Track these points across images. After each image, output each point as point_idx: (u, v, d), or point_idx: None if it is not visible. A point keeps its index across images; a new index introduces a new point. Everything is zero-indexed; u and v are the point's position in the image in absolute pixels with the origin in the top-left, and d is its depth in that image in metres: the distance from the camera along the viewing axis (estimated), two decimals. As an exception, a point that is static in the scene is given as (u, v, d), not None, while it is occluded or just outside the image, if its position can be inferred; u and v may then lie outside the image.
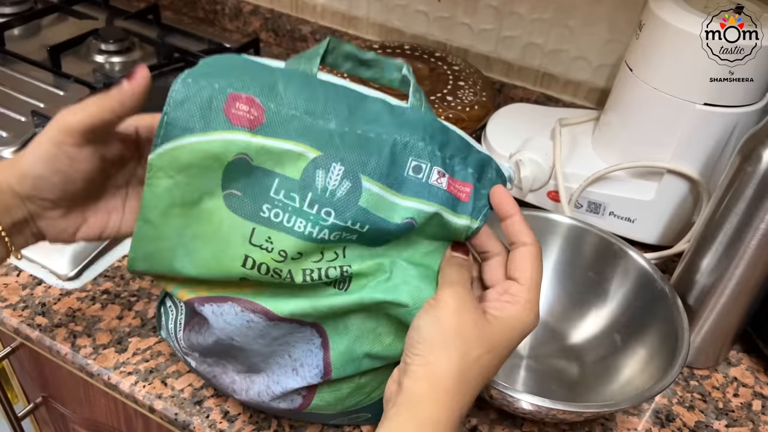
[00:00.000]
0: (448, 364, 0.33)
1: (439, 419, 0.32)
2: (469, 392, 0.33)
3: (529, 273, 0.36)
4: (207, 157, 0.34)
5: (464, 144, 0.38)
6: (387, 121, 0.36)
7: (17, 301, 0.54)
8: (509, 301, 0.35)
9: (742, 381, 0.53)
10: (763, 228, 0.45)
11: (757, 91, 0.55)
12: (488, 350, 0.34)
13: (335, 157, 0.34)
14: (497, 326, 0.34)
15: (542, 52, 0.77)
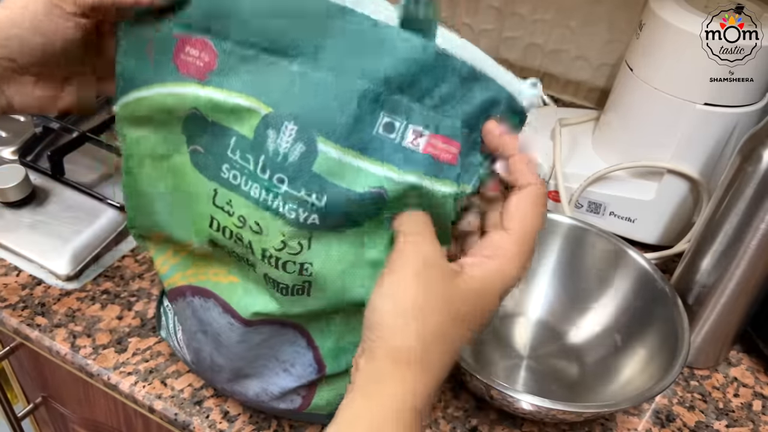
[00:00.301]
0: (409, 338, 0.28)
1: (405, 400, 0.28)
2: (439, 368, 0.29)
3: (519, 220, 0.30)
4: (162, 111, 0.32)
5: (467, 79, 0.31)
6: (363, 54, 0.29)
7: (17, 301, 0.54)
8: (489, 255, 0.30)
9: (742, 381, 0.53)
10: (763, 228, 0.45)
11: (757, 91, 0.55)
12: (460, 318, 0.29)
13: (288, 115, 0.30)
14: (471, 288, 0.29)
15: (543, 53, 0.77)
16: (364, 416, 0.28)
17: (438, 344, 0.29)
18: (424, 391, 0.28)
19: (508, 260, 0.30)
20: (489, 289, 0.30)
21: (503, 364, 0.52)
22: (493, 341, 0.53)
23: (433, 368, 0.29)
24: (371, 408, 0.28)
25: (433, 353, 0.29)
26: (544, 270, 0.56)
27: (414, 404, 0.28)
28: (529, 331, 0.55)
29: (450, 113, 0.30)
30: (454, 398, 0.49)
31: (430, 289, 0.29)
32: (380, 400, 0.28)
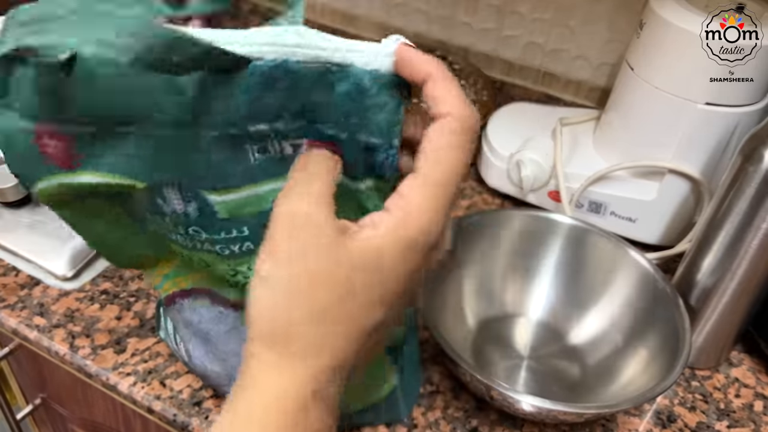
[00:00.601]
0: (285, 322, 0.25)
1: (287, 390, 0.25)
2: (327, 353, 0.25)
3: (430, 160, 0.25)
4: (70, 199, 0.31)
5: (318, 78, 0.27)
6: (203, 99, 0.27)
7: (15, 302, 0.53)
8: (390, 208, 0.25)
9: (743, 382, 0.53)
10: (764, 228, 0.45)
11: (758, 90, 0.54)
12: (354, 291, 0.25)
13: (162, 183, 0.29)
14: (364, 252, 0.25)
15: (543, 52, 0.77)
16: (241, 409, 0.25)
17: (323, 324, 0.25)
18: (310, 378, 0.25)
19: (411, 212, 0.25)
20: (389, 251, 0.25)
21: (503, 365, 0.52)
22: (493, 342, 0.53)
23: (321, 353, 0.25)
24: (248, 399, 0.25)
25: (324, 337, 0.25)
26: (544, 270, 0.55)
27: (297, 392, 0.25)
28: (530, 331, 0.54)
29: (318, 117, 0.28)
30: (455, 399, 0.49)
31: (308, 261, 0.24)
32: (255, 391, 0.25)
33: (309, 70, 0.26)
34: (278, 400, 0.25)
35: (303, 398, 0.25)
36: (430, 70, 0.26)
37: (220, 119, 0.27)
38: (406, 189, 0.25)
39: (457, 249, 0.53)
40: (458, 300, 0.53)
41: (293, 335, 0.25)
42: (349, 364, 0.26)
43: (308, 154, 0.27)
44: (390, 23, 0.85)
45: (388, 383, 0.43)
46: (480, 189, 0.70)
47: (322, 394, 0.25)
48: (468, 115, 0.26)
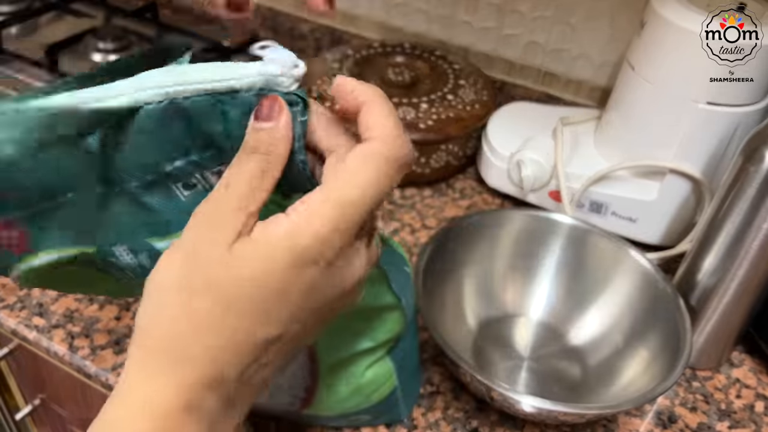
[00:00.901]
0: (155, 319, 0.24)
1: (154, 399, 0.23)
2: (205, 365, 0.23)
3: (342, 175, 0.24)
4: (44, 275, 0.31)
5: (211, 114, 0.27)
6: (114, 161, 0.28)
7: (14, 302, 0.53)
8: (290, 211, 0.24)
9: (744, 382, 0.53)
10: (765, 228, 0.45)
11: (759, 90, 0.54)
12: (224, 299, 0.23)
13: (109, 243, 0.30)
14: (246, 258, 0.23)
15: (543, 51, 0.77)
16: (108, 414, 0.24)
17: (203, 336, 0.23)
18: (184, 388, 0.23)
19: (305, 220, 0.23)
20: (279, 259, 0.23)
21: (504, 365, 0.51)
22: (493, 342, 0.53)
23: (198, 364, 0.23)
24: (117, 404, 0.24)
25: (195, 347, 0.23)
26: (545, 270, 0.55)
27: (167, 402, 0.23)
28: (530, 331, 0.54)
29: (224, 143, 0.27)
30: (455, 399, 0.49)
31: (199, 259, 0.23)
32: (125, 397, 0.24)
33: (197, 103, 0.26)
34: (145, 407, 0.23)
35: (174, 408, 0.23)
36: (367, 98, 0.25)
37: (134, 168, 0.28)
38: (309, 197, 0.24)
39: (457, 249, 0.53)
40: (458, 300, 0.53)
41: (171, 344, 0.24)
42: (235, 379, 0.24)
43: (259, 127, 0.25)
44: (390, 23, 0.85)
45: (387, 383, 0.43)
46: (480, 189, 0.70)
47: (199, 407, 0.24)
48: (398, 145, 0.24)
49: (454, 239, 0.52)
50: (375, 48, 0.77)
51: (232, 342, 0.24)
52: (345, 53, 0.76)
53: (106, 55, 0.83)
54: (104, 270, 0.33)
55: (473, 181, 0.71)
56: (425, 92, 0.68)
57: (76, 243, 0.30)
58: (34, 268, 0.31)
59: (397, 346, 0.42)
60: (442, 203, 0.68)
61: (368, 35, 0.88)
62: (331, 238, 0.24)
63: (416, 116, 0.65)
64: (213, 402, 0.24)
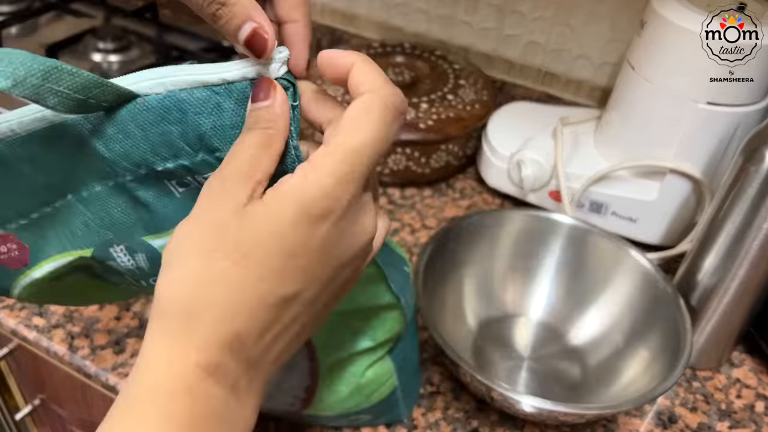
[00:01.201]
0: (171, 289, 0.24)
1: (172, 365, 0.23)
2: (218, 326, 0.23)
3: (343, 131, 0.24)
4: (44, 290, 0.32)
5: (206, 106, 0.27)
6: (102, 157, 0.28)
7: (14, 302, 0.53)
8: (297, 171, 0.24)
9: (744, 382, 0.53)
10: (766, 228, 0.45)
11: (759, 90, 0.54)
12: (243, 258, 0.23)
13: (105, 242, 0.30)
14: (262, 216, 0.24)
15: (544, 51, 0.77)
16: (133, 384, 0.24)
17: (216, 291, 0.23)
18: (200, 348, 0.23)
19: (307, 176, 0.24)
20: (289, 215, 0.23)
21: (504, 366, 0.51)
22: (493, 342, 0.53)
23: (215, 324, 0.23)
24: (135, 375, 0.24)
25: (213, 305, 0.23)
26: (545, 270, 0.55)
27: (184, 362, 0.23)
28: (530, 331, 0.54)
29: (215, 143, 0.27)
30: (455, 400, 0.49)
31: (212, 220, 0.24)
32: (141, 367, 0.24)
33: (193, 95, 0.27)
34: (167, 372, 0.23)
35: (195, 371, 0.23)
36: (352, 60, 0.26)
37: (127, 160, 0.28)
38: (315, 155, 0.24)
39: (457, 249, 0.53)
40: (458, 300, 0.53)
41: (189, 307, 0.24)
42: (254, 341, 0.24)
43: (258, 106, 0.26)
44: (390, 23, 0.85)
45: (387, 383, 0.43)
46: (480, 189, 0.70)
47: (219, 368, 0.24)
48: (390, 92, 0.25)
49: (454, 239, 0.52)
50: (375, 48, 0.77)
51: (248, 301, 0.24)
52: (345, 53, 0.76)
53: (106, 55, 0.83)
54: (102, 277, 0.33)
55: (473, 181, 0.71)
56: (425, 92, 0.68)
57: (74, 246, 0.30)
58: (35, 281, 0.31)
59: (397, 346, 0.42)
60: (442, 203, 0.68)
61: (368, 35, 0.88)
62: (337, 190, 0.24)
63: (416, 116, 0.65)
64: (233, 364, 0.24)
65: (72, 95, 0.25)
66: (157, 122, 0.27)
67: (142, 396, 0.23)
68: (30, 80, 0.24)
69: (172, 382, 0.23)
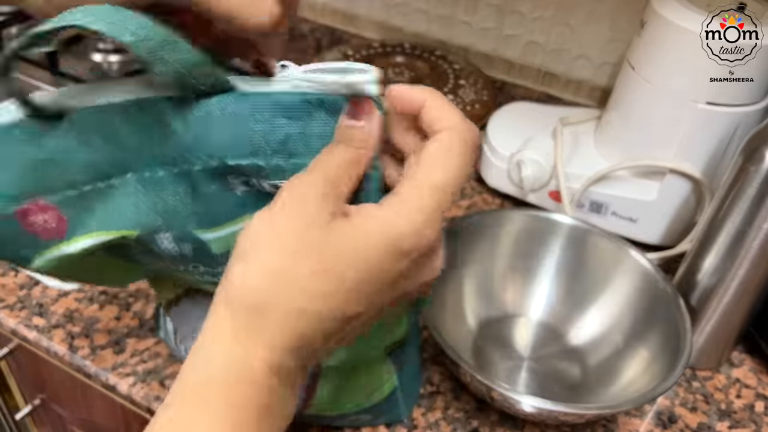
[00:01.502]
0: (247, 283, 0.24)
1: (240, 360, 0.24)
2: (286, 327, 0.24)
3: (425, 168, 0.25)
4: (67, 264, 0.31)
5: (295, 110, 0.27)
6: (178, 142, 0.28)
7: (14, 302, 0.53)
8: (386, 203, 0.25)
9: (744, 382, 0.53)
10: (766, 228, 0.45)
11: (759, 90, 0.54)
12: (323, 270, 0.24)
13: (153, 228, 0.30)
14: (349, 237, 0.24)
15: (543, 51, 0.77)
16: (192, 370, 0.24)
17: (295, 294, 0.24)
18: (270, 349, 0.24)
19: (398, 211, 0.25)
20: (371, 239, 0.24)
21: (504, 366, 0.51)
22: (493, 342, 0.53)
23: (287, 324, 0.24)
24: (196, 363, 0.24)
25: (288, 305, 0.24)
26: (545, 270, 0.55)
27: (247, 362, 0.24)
28: (530, 331, 0.54)
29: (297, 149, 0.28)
30: (455, 400, 0.49)
31: (298, 226, 0.24)
32: (204, 348, 0.24)
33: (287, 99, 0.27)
34: (234, 365, 0.24)
35: (262, 368, 0.24)
36: (424, 96, 0.27)
37: (203, 149, 0.28)
38: (402, 188, 0.26)
39: (457, 249, 0.53)
40: (458, 300, 0.53)
41: (264, 303, 0.24)
42: (314, 348, 0.25)
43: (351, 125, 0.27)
44: (390, 23, 0.85)
45: (388, 383, 0.43)
46: (480, 189, 0.70)
47: (283, 369, 0.25)
48: (467, 128, 0.26)
49: (454, 239, 0.52)
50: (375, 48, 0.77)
51: (319, 311, 0.24)
52: (345, 53, 0.76)
53: (107, 55, 0.83)
54: (134, 259, 0.32)
55: (473, 181, 0.71)
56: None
57: (120, 226, 0.29)
58: (65, 256, 0.30)
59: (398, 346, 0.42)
60: (442, 203, 0.68)
61: (368, 35, 0.88)
62: (426, 227, 0.25)
63: (416, 116, 0.65)
64: (293, 365, 0.25)
65: (178, 69, 0.25)
66: (245, 117, 0.27)
67: (206, 383, 0.24)
68: (148, 43, 0.24)
69: (237, 374, 0.24)
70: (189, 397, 0.24)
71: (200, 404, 0.23)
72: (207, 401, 0.23)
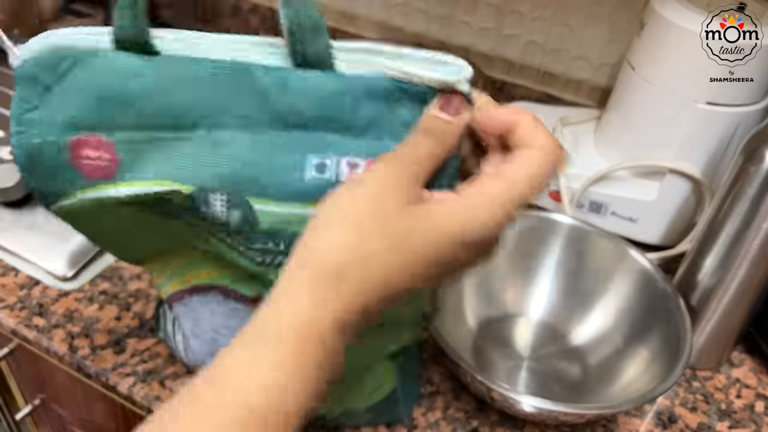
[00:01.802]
0: (330, 249, 0.26)
1: (316, 316, 0.25)
2: (358, 294, 0.26)
3: (513, 173, 0.27)
4: (95, 211, 0.30)
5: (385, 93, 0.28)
6: (266, 104, 0.28)
7: (15, 302, 0.53)
8: (462, 193, 0.27)
9: (744, 382, 0.53)
10: (765, 228, 0.45)
11: (759, 90, 0.54)
12: (396, 248, 0.26)
13: (210, 188, 0.29)
14: (423, 221, 0.26)
15: (543, 51, 0.77)
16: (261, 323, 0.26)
17: (369, 269, 0.26)
18: (335, 312, 0.26)
19: (478, 204, 0.27)
20: (443, 226, 0.26)
21: (504, 366, 0.51)
22: (493, 342, 0.53)
23: (355, 295, 0.26)
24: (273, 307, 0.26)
25: (360, 278, 0.26)
26: (545, 270, 0.55)
27: (317, 321, 0.26)
28: (530, 331, 0.54)
29: (381, 133, 0.29)
30: (455, 399, 0.49)
31: (379, 208, 0.26)
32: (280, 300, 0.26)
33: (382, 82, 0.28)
34: (310, 322, 0.26)
35: (333, 326, 0.26)
36: (517, 118, 0.28)
37: (291, 117, 0.28)
38: (481, 184, 0.27)
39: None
40: (458, 300, 0.53)
41: (342, 270, 0.26)
42: (374, 312, 0.27)
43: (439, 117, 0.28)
44: (390, 23, 0.85)
45: (388, 383, 0.43)
46: (480, 189, 0.70)
47: (349, 328, 0.27)
48: (556, 151, 0.28)
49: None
50: (375, 48, 0.77)
51: (387, 284, 0.26)
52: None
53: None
54: (176, 216, 0.31)
55: (473, 181, 0.71)
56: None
57: (176, 179, 0.29)
58: (103, 200, 0.29)
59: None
60: (442, 203, 0.68)
61: (368, 35, 0.88)
62: (494, 229, 0.27)
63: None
64: (356, 327, 0.27)
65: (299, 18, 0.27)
66: (338, 94, 0.28)
67: (278, 329, 0.25)
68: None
69: (309, 326, 0.25)
70: (260, 339, 0.25)
71: (272, 347, 0.25)
72: (278, 346, 0.25)
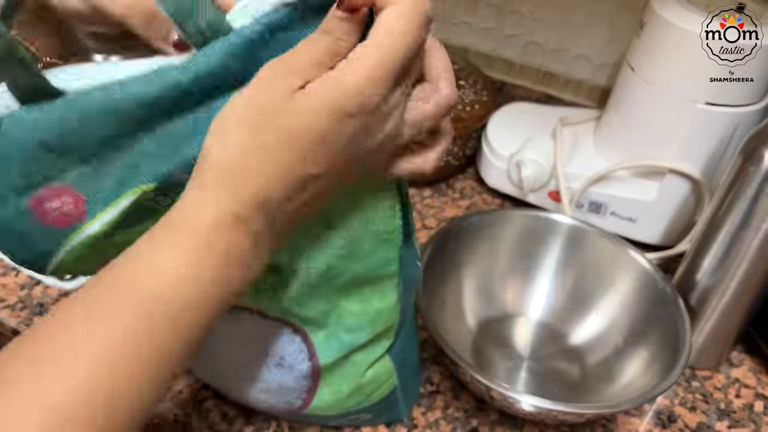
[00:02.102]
0: (222, 150, 0.27)
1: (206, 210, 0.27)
2: (254, 187, 0.27)
3: (375, 31, 0.27)
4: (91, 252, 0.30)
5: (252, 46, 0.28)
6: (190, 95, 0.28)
7: (15, 302, 0.53)
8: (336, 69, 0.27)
9: (744, 382, 0.53)
10: (764, 228, 0.45)
11: (758, 90, 0.54)
12: (286, 137, 0.27)
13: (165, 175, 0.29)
14: (299, 104, 0.27)
15: (543, 51, 0.77)
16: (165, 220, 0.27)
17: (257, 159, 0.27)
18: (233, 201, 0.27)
19: (346, 72, 0.27)
20: (318, 102, 0.27)
21: (504, 365, 0.51)
22: (493, 342, 0.53)
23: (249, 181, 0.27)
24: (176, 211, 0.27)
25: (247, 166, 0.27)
26: (544, 270, 0.55)
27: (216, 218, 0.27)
28: (530, 331, 0.54)
29: None
30: (455, 399, 0.49)
31: (265, 101, 0.27)
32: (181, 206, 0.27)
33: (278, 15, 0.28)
34: (200, 216, 0.27)
35: (225, 217, 0.27)
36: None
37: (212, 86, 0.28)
38: (354, 54, 0.27)
39: (457, 249, 0.53)
40: (458, 300, 0.53)
41: (232, 168, 0.27)
42: (278, 204, 0.28)
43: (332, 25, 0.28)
44: (390, 23, 0.85)
45: (388, 383, 0.43)
46: (480, 189, 0.70)
47: (247, 221, 0.28)
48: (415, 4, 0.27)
49: (454, 239, 0.52)
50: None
51: (283, 173, 0.27)
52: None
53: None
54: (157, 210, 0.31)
55: (473, 181, 0.71)
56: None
57: (137, 184, 0.29)
58: (90, 237, 0.29)
59: (397, 346, 0.42)
60: (442, 203, 0.68)
61: (368, 35, 0.88)
62: (371, 86, 0.27)
63: (416, 116, 0.65)
64: (261, 220, 0.28)
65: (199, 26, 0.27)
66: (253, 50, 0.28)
67: (181, 226, 0.27)
68: None
69: (210, 221, 0.27)
70: (168, 236, 0.27)
71: (170, 242, 0.27)
72: (182, 241, 0.27)
